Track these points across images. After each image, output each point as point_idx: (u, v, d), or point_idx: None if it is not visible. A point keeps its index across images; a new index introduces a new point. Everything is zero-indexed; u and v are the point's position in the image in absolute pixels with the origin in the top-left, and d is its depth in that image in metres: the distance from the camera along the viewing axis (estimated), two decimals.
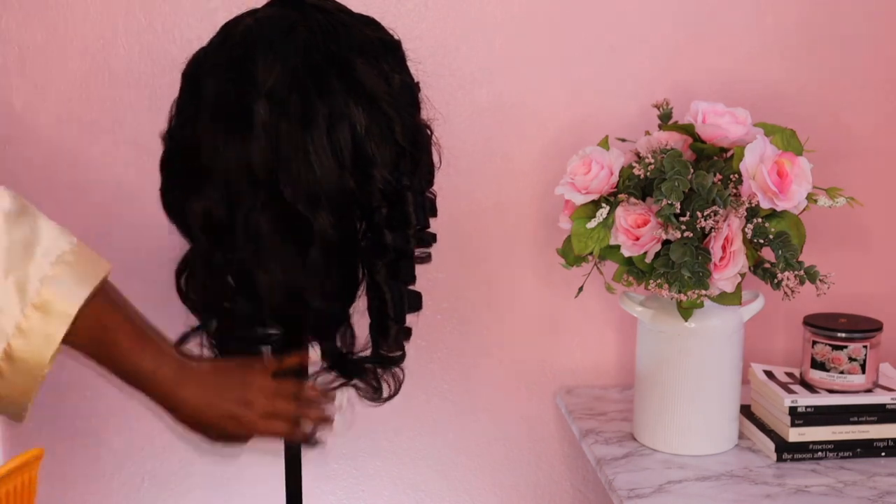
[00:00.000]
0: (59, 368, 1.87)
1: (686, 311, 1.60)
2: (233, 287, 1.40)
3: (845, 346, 1.69)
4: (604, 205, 1.59)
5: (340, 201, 1.33)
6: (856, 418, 1.68)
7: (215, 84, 1.34)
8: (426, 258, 1.53)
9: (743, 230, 1.53)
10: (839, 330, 1.70)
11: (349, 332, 1.45)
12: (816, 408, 1.67)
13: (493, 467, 1.99)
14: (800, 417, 1.66)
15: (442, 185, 1.56)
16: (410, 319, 1.62)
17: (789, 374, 1.78)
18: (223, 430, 1.32)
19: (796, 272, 1.54)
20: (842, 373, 1.70)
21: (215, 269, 1.40)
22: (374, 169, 1.34)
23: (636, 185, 1.59)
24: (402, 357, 1.51)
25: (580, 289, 1.72)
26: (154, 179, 1.49)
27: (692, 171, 1.54)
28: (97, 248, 1.83)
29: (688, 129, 1.63)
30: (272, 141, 1.30)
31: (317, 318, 1.41)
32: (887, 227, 1.98)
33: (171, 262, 1.50)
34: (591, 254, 1.61)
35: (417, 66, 1.48)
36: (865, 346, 1.69)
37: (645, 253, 1.57)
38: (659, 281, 1.55)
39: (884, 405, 1.68)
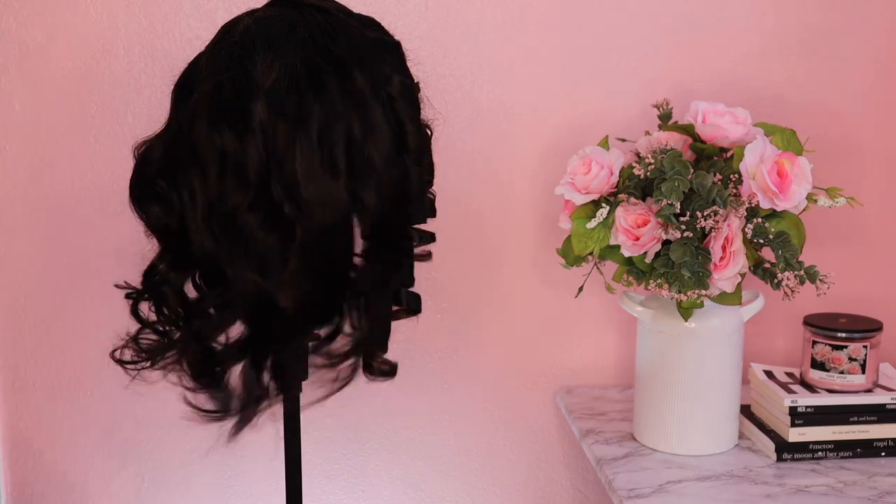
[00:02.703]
0: (61, 371, 1.88)
1: (686, 311, 1.60)
2: (203, 289, 1.40)
3: (845, 346, 1.69)
4: (604, 205, 1.59)
5: (324, 207, 1.32)
6: (856, 418, 1.68)
7: (213, 82, 1.33)
8: (427, 256, 1.53)
9: (743, 230, 1.53)
10: (839, 330, 1.70)
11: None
12: (816, 408, 1.67)
13: (493, 467, 1.99)
14: (800, 417, 1.66)
15: (442, 186, 1.56)
16: (409, 322, 1.63)
17: (789, 374, 1.78)
18: None
19: (796, 272, 1.54)
20: (842, 373, 1.70)
21: (187, 266, 1.39)
22: (369, 171, 1.34)
23: (636, 185, 1.59)
24: (393, 371, 1.51)
25: (580, 289, 1.72)
26: None
27: (692, 171, 1.54)
28: (97, 249, 1.84)
29: (688, 129, 1.63)
30: (268, 140, 1.30)
31: (288, 326, 1.40)
32: (887, 227, 1.98)
33: None
34: (591, 254, 1.61)
35: (417, 66, 1.48)
36: (865, 346, 1.69)
37: (645, 253, 1.57)
38: (659, 281, 1.55)
39: (884, 405, 1.68)
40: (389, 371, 1.50)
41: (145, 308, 1.48)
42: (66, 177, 1.82)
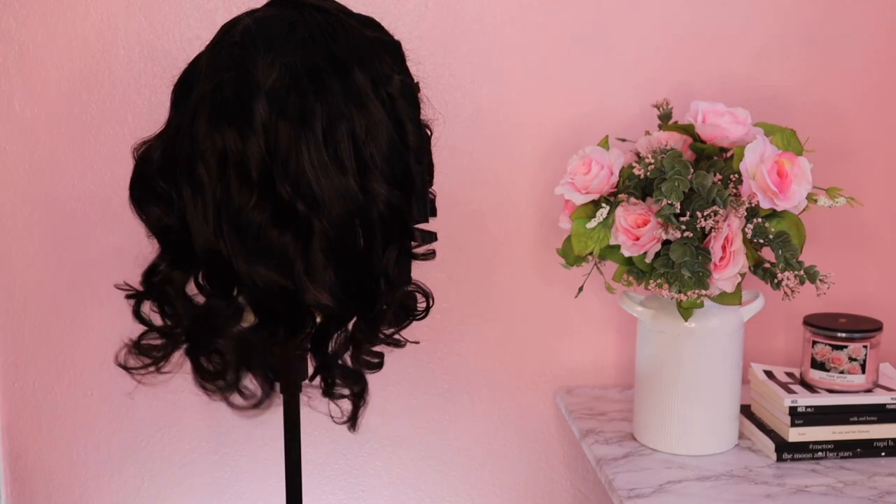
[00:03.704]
0: (61, 371, 1.88)
1: (686, 311, 1.60)
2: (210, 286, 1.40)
3: (845, 346, 1.69)
4: (604, 205, 1.59)
5: (339, 200, 1.33)
6: (856, 418, 1.68)
7: (213, 82, 1.33)
8: (430, 255, 1.52)
9: (743, 230, 1.53)
10: (839, 330, 1.70)
11: (344, 337, 1.45)
12: (816, 408, 1.67)
13: (493, 468, 1.99)
14: (800, 417, 1.66)
15: (442, 186, 1.56)
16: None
17: (789, 374, 1.78)
18: None
19: (796, 272, 1.54)
20: (842, 373, 1.70)
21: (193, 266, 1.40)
22: (373, 169, 1.34)
23: (636, 185, 1.59)
24: (380, 364, 1.51)
25: (580, 289, 1.72)
26: None
27: (692, 171, 1.54)
28: (97, 249, 1.84)
29: (688, 129, 1.63)
30: (270, 140, 1.30)
31: (323, 319, 1.41)
32: (887, 227, 1.98)
33: None
34: (591, 254, 1.61)
35: (417, 66, 1.48)
36: (865, 346, 1.69)
37: (645, 253, 1.57)
38: (659, 281, 1.55)
39: (884, 405, 1.68)
40: (378, 364, 1.51)
41: (146, 309, 1.48)
42: (66, 177, 1.82)
